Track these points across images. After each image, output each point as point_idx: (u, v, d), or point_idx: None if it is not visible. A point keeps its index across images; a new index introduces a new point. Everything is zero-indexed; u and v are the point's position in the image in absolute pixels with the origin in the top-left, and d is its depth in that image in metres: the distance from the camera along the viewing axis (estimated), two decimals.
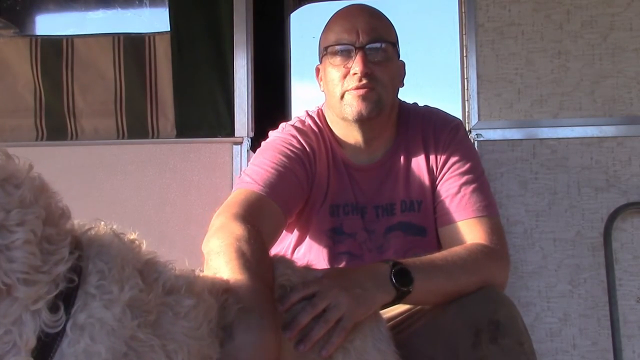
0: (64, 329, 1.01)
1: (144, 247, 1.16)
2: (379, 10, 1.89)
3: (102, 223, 1.13)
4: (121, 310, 1.04)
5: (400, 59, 1.91)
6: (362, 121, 1.80)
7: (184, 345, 1.10)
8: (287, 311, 1.35)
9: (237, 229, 1.47)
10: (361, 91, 1.77)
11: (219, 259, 1.39)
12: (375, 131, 1.86)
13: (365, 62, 1.76)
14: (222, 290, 1.26)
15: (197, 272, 1.28)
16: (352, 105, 1.78)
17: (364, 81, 1.76)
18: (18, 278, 0.96)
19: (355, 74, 1.76)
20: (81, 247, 1.08)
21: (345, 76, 1.79)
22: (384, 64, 1.79)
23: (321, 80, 1.91)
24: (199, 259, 1.49)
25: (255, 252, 1.39)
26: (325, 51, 1.84)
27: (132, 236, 1.16)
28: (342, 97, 1.80)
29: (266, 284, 1.34)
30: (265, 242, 1.51)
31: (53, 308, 1.01)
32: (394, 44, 1.83)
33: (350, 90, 1.78)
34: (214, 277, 1.32)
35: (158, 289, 1.12)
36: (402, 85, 1.94)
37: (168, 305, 1.12)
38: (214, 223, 1.56)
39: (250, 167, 1.82)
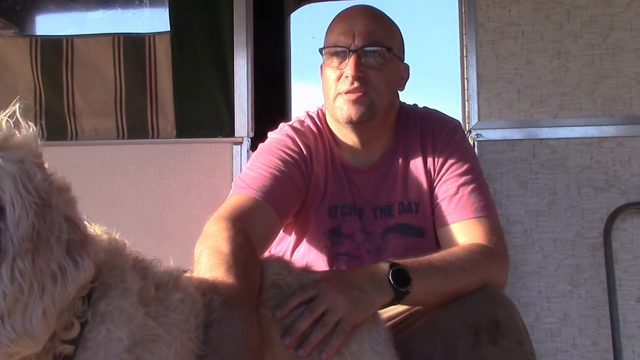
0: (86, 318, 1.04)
1: (128, 244, 1.20)
2: (382, 13, 1.88)
3: (87, 222, 1.15)
4: (136, 298, 1.08)
5: (404, 61, 1.92)
6: (353, 125, 1.81)
7: (177, 337, 1.14)
8: (286, 317, 1.36)
9: (223, 232, 1.50)
10: (353, 95, 1.77)
11: (202, 261, 1.42)
12: (370, 134, 1.86)
13: (358, 65, 1.76)
14: (208, 289, 1.29)
15: (187, 273, 1.32)
16: (343, 109, 1.79)
17: (356, 84, 1.76)
18: None
19: (347, 76, 1.77)
20: None
21: (339, 78, 1.79)
22: (379, 68, 1.79)
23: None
24: None
25: (236, 252, 1.42)
26: (323, 52, 1.85)
27: (118, 235, 1.19)
28: (335, 99, 1.81)
29: (249, 281, 1.36)
30: (252, 243, 1.53)
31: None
32: (391, 48, 1.82)
33: (342, 93, 1.78)
34: (199, 278, 1.36)
35: (150, 283, 1.15)
36: (402, 89, 1.93)
37: (159, 298, 1.15)
38: (204, 229, 1.58)
39: (244, 171, 1.83)
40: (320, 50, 1.86)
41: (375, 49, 1.79)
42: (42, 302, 0.93)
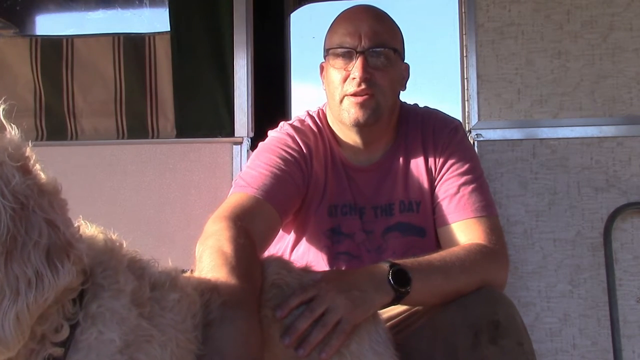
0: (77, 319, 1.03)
1: (125, 245, 1.19)
2: (384, 13, 1.88)
3: (83, 222, 1.14)
4: (129, 300, 1.07)
5: (404, 61, 1.91)
6: (359, 127, 1.81)
7: (173, 337, 1.13)
8: (286, 317, 1.36)
9: (225, 232, 1.50)
10: (359, 98, 1.77)
11: (204, 261, 1.42)
12: (373, 135, 1.86)
13: (365, 67, 1.75)
14: (206, 289, 1.29)
15: (187, 273, 1.32)
16: (350, 111, 1.79)
17: (363, 86, 1.76)
18: None
19: (354, 78, 1.77)
20: None
21: (345, 79, 1.79)
22: (385, 69, 1.79)
23: (324, 78, 1.91)
24: None
25: (239, 252, 1.42)
26: (328, 52, 1.84)
27: (114, 235, 1.18)
28: (341, 101, 1.81)
29: (251, 282, 1.37)
30: (254, 243, 1.53)
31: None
32: (396, 49, 1.82)
33: (349, 95, 1.78)
34: (199, 277, 1.35)
35: (145, 283, 1.14)
36: (404, 89, 1.93)
37: (155, 299, 1.14)
38: (206, 228, 1.58)
39: (244, 170, 1.83)
40: (325, 51, 1.86)
41: (381, 50, 1.78)
42: (15, 307, 0.92)
